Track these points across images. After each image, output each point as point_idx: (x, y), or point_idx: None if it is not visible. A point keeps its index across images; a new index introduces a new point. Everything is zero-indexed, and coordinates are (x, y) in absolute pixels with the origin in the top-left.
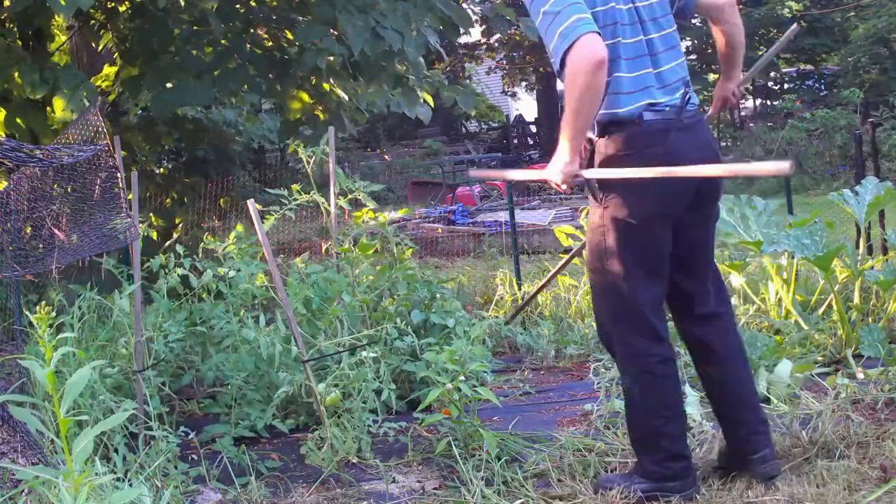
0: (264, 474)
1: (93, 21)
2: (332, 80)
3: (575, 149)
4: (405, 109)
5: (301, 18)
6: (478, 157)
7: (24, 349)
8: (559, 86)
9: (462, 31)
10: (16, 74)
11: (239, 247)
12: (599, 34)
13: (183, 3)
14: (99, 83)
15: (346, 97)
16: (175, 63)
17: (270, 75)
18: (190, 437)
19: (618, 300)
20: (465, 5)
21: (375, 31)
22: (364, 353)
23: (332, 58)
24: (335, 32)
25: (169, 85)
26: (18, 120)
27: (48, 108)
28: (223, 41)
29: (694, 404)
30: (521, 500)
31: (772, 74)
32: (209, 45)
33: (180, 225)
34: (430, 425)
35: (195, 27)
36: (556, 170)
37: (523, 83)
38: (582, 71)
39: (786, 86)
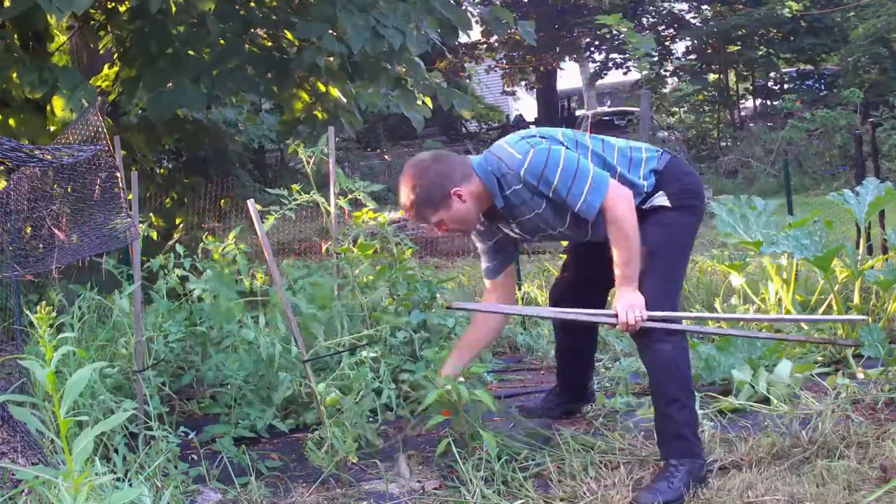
0: (264, 474)
1: (92, 21)
2: (330, 81)
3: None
4: (404, 111)
5: (300, 22)
6: None
7: (25, 349)
8: (559, 82)
9: (461, 32)
10: (14, 75)
11: (238, 247)
12: None
13: (174, 8)
14: (99, 83)
15: (344, 100)
16: (172, 66)
17: (269, 75)
18: (190, 437)
19: (678, 284)
20: (464, 5)
21: (375, 30)
22: (364, 353)
23: (331, 58)
24: (335, 33)
25: (165, 87)
26: (11, 121)
27: (48, 108)
28: (222, 41)
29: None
30: (521, 501)
31: (772, 74)
32: (207, 46)
33: (181, 225)
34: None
35: (194, 28)
36: (639, 304)
37: (523, 83)
38: (628, 207)
39: (786, 86)
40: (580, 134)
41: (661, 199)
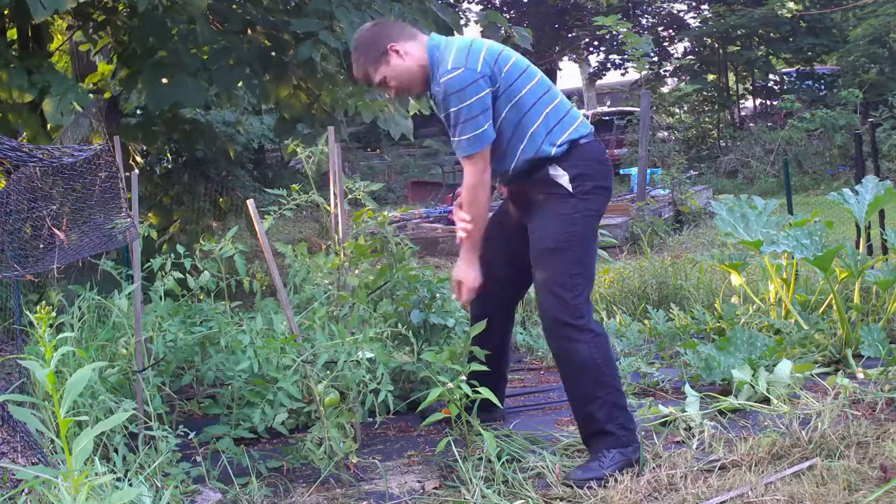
0: (264, 474)
1: (91, 21)
2: (326, 83)
3: None
4: (390, 128)
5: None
6: None
7: (24, 349)
8: (558, 82)
9: (456, 33)
10: (4, 77)
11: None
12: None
13: (161, 8)
14: (95, 79)
15: (336, 109)
16: (171, 60)
17: (267, 76)
18: (190, 437)
19: (584, 277)
20: (463, 6)
21: None
22: (362, 354)
23: (326, 62)
24: (331, 32)
25: (165, 80)
26: (10, 116)
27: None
28: (221, 40)
29: (694, 404)
30: (521, 501)
31: (771, 76)
32: (206, 43)
33: (177, 221)
34: (430, 425)
35: (192, 25)
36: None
37: None
38: (481, 181)
39: (785, 86)
40: (531, 72)
41: (563, 180)
